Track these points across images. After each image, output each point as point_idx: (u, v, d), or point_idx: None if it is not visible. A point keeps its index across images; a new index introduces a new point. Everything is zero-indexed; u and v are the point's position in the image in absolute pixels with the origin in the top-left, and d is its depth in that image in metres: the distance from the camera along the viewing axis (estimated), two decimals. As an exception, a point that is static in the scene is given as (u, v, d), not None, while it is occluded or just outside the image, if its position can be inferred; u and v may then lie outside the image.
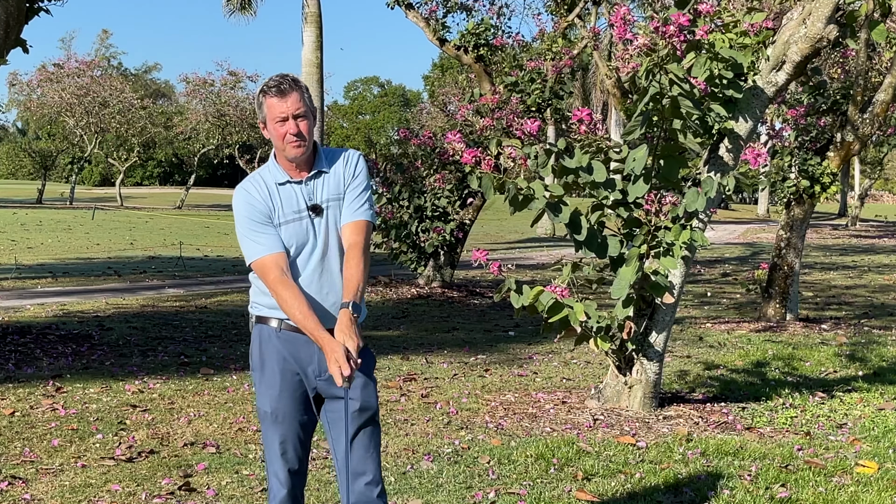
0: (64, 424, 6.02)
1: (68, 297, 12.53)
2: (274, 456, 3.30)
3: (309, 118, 3.23)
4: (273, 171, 3.30)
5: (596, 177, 6.00)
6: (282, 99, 3.18)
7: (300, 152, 3.23)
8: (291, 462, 3.31)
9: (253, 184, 3.30)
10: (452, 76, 46.59)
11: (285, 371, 3.26)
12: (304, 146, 3.22)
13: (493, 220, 37.42)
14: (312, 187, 3.27)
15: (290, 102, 3.18)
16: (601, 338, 6.25)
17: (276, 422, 3.28)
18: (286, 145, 3.21)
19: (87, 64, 47.43)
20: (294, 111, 3.19)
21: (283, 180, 3.27)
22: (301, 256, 3.25)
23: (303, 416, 3.31)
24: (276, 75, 3.25)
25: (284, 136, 3.20)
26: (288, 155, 3.23)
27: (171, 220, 35.93)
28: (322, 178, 3.28)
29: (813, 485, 5.01)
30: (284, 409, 3.27)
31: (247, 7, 28.66)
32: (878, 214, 56.64)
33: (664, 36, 5.80)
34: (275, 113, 3.19)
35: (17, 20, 8.39)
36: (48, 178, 55.91)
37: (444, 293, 13.81)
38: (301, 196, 3.26)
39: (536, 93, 14.03)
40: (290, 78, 3.24)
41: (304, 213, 3.24)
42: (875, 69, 13.00)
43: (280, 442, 3.28)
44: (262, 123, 3.29)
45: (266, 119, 3.23)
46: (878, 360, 8.81)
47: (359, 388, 3.24)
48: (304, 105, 3.21)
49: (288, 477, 3.31)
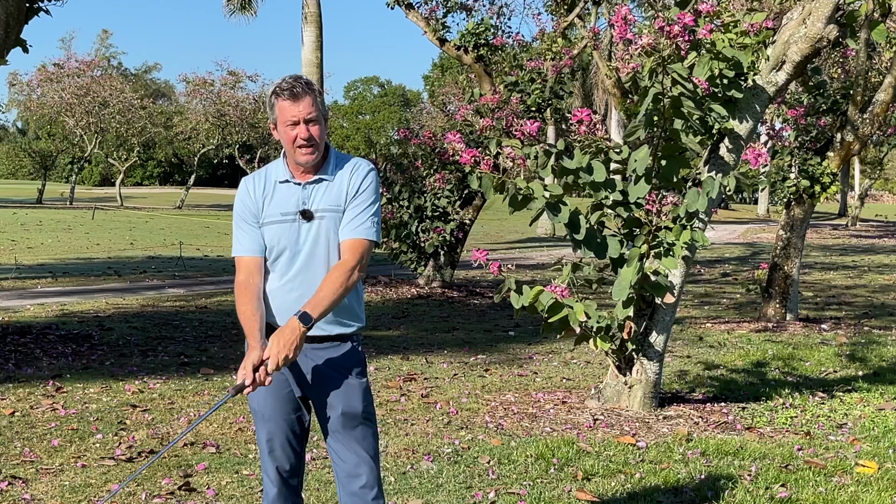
0: (64, 424, 6.02)
1: (68, 297, 12.53)
2: (263, 453, 3.34)
3: (321, 122, 3.19)
4: (279, 168, 3.28)
5: (596, 177, 6.00)
6: (294, 102, 3.15)
7: (310, 159, 3.19)
8: (279, 460, 3.31)
9: (254, 179, 3.30)
10: (452, 76, 46.60)
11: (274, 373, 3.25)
12: (315, 152, 3.19)
13: (493, 220, 37.42)
14: (310, 192, 3.23)
15: (303, 106, 3.14)
16: (601, 338, 6.25)
17: (263, 419, 3.30)
18: (296, 150, 3.18)
19: (87, 64, 47.42)
20: (306, 115, 3.15)
21: (284, 179, 3.26)
22: (282, 258, 3.24)
23: (290, 415, 3.30)
24: (290, 77, 3.20)
25: (294, 140, 3.17)
26: (298, 160, 3.20)
27: (171, 220, 35.93)
28: (323, 186, 3.24)
29: (813, 485, 5.01)
30: (270, 407, 3.28)
31: (247, 7, 28.66)
32: (878, 214, 56.64)
33: (669, 35, 5.80)
34: (286, 116, 3.16)
35: (17, 20, 8.39)
36: (48, 178, 55.91)
37: (444, 293, 13.82)
38: (296, 198, 3.23)
39: (536, 93, 14.03)
40: (304, 81, 3.19)
41: (294, 217, 3.22)
42: (875, 69, 13.01)
43: (266, 440, 3.30)
44: (272, 125, 3.25)
45: (277, 121, 3.20)
46: (878, 360, 8.81)
47: (341, 395, 3.25)
48: (316, 109, 3.17)
49: (277, 475, 3.32)
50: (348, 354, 3.28)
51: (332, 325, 3.25)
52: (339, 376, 3.27)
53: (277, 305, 3.25)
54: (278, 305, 3.25)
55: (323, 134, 3.21)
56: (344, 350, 3.29)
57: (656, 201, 6.16)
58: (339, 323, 3.27)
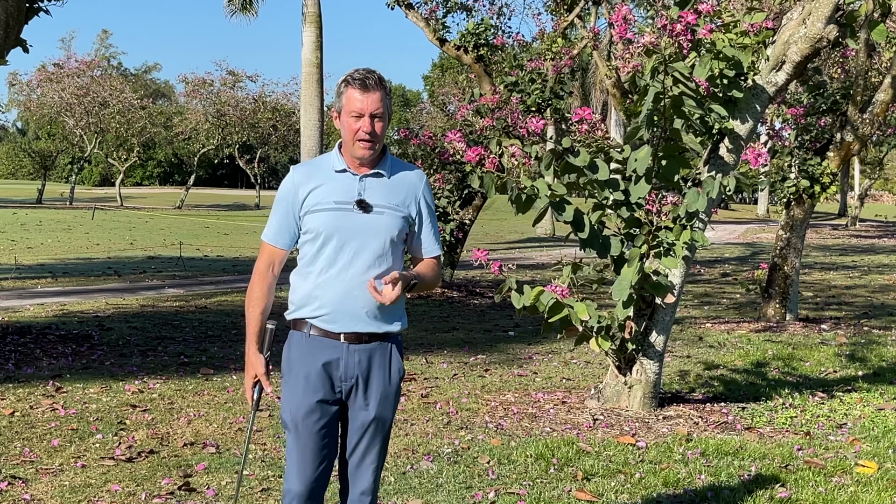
0: (64, 424, 6.02)
1: (68, 297, 12.53)
2: (291, 467, 3.20)
3: (385, 119, 3.16)
4: (334, 159, 3.23)
5: (599, 176, 6.00)
6: (364, 94, 3.11)
7: (368, 154, 3.16)
8: (309, 477, 3.18)
9: (306, 168, 3.26)
10: (452, 76, 46.60)
11: (309, 380, 3.16)
12: (374, 148, 3.16)
13: (493, 220, 37.42)
14: (365, 185, 3.19)
15: (371, 100, 3.11)
16: (601, 338, 6.25)
17: (296, 432, 3.18)
18: (355, 142, 3.14)
19: (86, 64, 47.44)
20: (373, 110, 3.12)
21: (341, 168, 3.20)
22: (329, 247, 3.15)
23: (325, 429, 3.18)
24: (363, 69, 3.17)
25: (356, 133, 3.13)
26: (355, 154, 3.16)
27: (171, 220, 35.93)
28: (380, 181, 3.21)
29: (813, 485, 5.01)
30: (305, 421, 3.16)
31: (248, 7, 28.68)
32: (878, 214, 56.65)
33: (671, 34, 5.79)
34: (352, 106, 3.12)
35: (17, 20, 8.39)
36: (48, 178, 55.91)
37: (444, 293, 13.82)
38: (353, 189, 3.18)
39: (536, 93, 14.03)
40: (377, 75, 3.16)
41: (351, 206, 3.16)
42: (875, 69, 13.00)
43: (299, 456, 3.18)
44: (335, 112, 3.20)
45: (342, 110, 3.15)
46: (878, 360, 8.81)
47: (378, 398, 3.20)
48: (383, 106, 3.14)
49: (302, 488, 3.19)
50: (392, 356, 3.23)
51: (380, 321, 3.19)
52: (381, 379, 3.21)
53: (322, 294, 3.16)
54: (323, 294, 3.16)
55: (384, 131, 3.19)
56: (388, 351, 3.23)
57: (656, 201, 6.16)
58: (388, 321, 3.21)
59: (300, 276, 3.22)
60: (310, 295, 3.18)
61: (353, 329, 3.16)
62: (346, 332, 3.16)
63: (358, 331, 3.15)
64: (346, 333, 3.16)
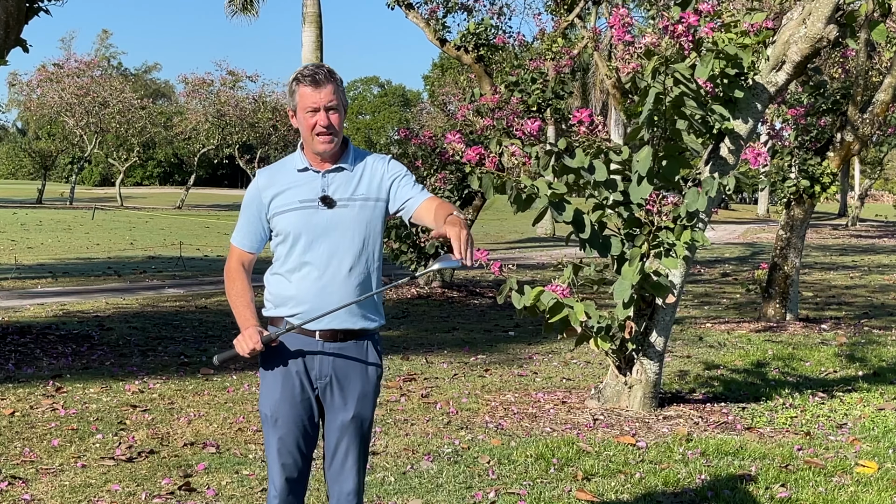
0: (64, 424, 6.02)
1: (68, 297, 12.53)
2: (272, 461, 3.24)
3: (340, 112, 3.17)
4: (297, 159, 3.25)
5: (597, 176, 6.00)
6: (315, 89, 3.12)
7: (328, 147, 3.16)
8: (289, 470, 3.23)
9: (269, 172, 3.27)
10: (452, 76, 46.55)
11: (288, 374, 3.20)
12: (333, 141, 3.16)
13: (493, 220, 37.43)
14: (329, 180, 3.20)
15: (324, 94, 3.12)
16: (602, 338, 6.25)
17: (276, 426, 3.21)
18: (314, 137, 3.15)
19: (86, 64, 47.44)
20: (326, 102, 3.12)
21: (303, 167, 3.22)
22: (298, 246, 3.17)
23: (304, 423, 3.22)
24: (312, 65, 3.19)
25: (313, 128, 3.14)
26: (315, 149, 3.17)
27: (171, 220, 35.93)
28: (342, 175, 3.21)
29: (813, 485, 5.01)
30: (284, 413, 3.20)
31: (249, 7, 28.69)
32: (878, 214, 56.65)
33: (673, 35, 5.79)
34: (306, 103, 3.13)
35: (17, 20, 8.39)
36: (48, 178, 55.93)
37: (444, 293, 13.82)
38: (316, 186, 3.19)
39: (537, 93, 14.03)
40: (326, 69, 3.17)
41: (315, 204, 3.17)
42: (875, 69, 13.01)
43: (278, 448, 3.21)
44: (291, 111, 3.22)
45: (297, 108, 3.17)
46: (878, 360, 8.81)
47: (356, 397, 3.22)
48: (337, 98, 3.15)
49: (284, 484, 3.23)
50: (369, 353, 3.24)
51: (356, 318, 3.20)
52: (359, 377, 3.22)
53: (297, 292, 3.17)
54: (298, 292, 3.17)
55: (342, 123, 3.20)
56: (365, 348, 3.24)
57: (656, 201, 6.16)
58: (364, 317, 3.22)
59: (275, 276, 3.25)
60: (284, 294, 3.21)
61: (328, 326, 3.17)
62: (322, 329, 3.18)
63: (333, 328, 3.16)
64: (321, 331, 3.18)
